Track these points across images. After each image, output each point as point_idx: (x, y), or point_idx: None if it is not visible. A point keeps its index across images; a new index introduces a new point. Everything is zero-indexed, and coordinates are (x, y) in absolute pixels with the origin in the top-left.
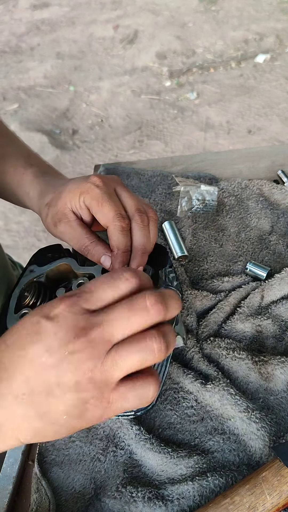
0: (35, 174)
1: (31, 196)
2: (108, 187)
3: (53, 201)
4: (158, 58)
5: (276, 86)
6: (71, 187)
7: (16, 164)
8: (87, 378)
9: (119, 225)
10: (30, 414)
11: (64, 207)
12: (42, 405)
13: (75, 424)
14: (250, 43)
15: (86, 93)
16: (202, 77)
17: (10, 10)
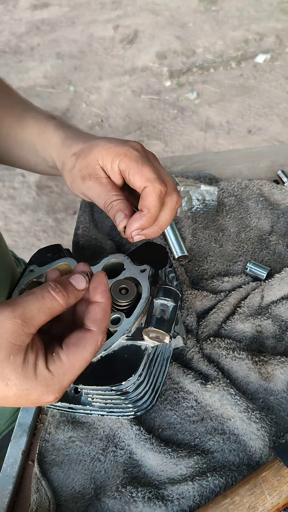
0: (59, 124)
1: (54, 142)
2: (146, 153)
3: (82, 153)
4: (158, 58)
5: (276, 86)
6: (106, 144)
7: (38, 117)
8: (20, 359)
9: (158, 187)
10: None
11: (96, 162)
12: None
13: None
14: (250, 43)
15: (86, 93)
16: (202, 77)
17: (10, 10)
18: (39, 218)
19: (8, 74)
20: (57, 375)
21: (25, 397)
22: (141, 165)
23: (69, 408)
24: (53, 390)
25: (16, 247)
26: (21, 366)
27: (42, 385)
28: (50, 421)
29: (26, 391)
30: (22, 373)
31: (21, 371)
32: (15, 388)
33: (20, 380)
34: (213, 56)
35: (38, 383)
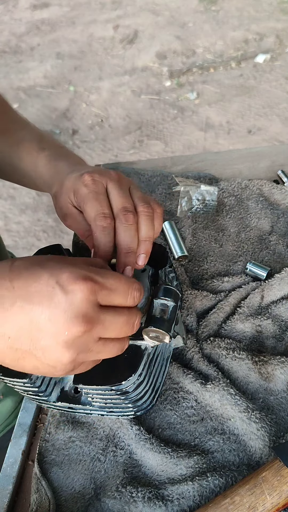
0: (47, 158)
1: (45, 180)
2: (96, 186)
3: (57, 193)
4: (158, 58)
5: (276, 86)
6: (68, 184)
7: (30, 148)
8: (70, 358)
9: (100, 224)
10: (6, 352)
11: (66, 202)
12: (19, 355)
13: (38, 372)
14: (250, 43)
15: (86, 93)
16: (202, 77)
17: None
18: (39, 218)
19: (8, 74)
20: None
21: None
22: (85, 204)
23: (69, 408)
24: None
25: (16, 247)
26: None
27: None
28: (50, 421)
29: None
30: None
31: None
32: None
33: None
34: (213, 56)
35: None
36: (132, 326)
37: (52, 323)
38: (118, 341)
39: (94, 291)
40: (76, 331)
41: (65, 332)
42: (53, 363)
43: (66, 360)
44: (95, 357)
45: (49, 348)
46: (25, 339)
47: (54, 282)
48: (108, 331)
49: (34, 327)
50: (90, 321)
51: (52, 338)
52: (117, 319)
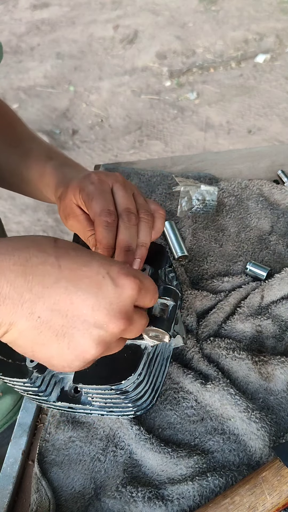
0: (54, 166)
1: (50, 187)
2: (102, 184)
3: (62, 195)
4: (158, 58)
5: (276, 86)
6: (74, 183)
7: (38, 157)
8: (95, 355)
9: (104, 220)
10: (27, 334)
11: (71, 202)
12: (41, 340)
13: (48, 363)
14: (250, 43)
15: (86, 93)
16: (202, 77)
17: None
18: (39, 218)
19: (8, 74)
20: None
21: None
22: (91, 199)
23: (69, 407)
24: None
25: None
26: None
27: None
28: (50, 421)
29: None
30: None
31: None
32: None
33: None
34: (213, 56)
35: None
36: (142, 330)
37: (94, 312)
38: (123, 341)
39: (139, 290)
40: (115, 327)
41: (104, 325)
42: (74, 356)
43: (90, 355)
44: (107, 353)
45: (79, 338)
46: (57, 322)
47: (105, 272)
48: (132, 333)
49: (72, 312)
50: (129, 319)
51: (87, 328)
52: (141, 323)
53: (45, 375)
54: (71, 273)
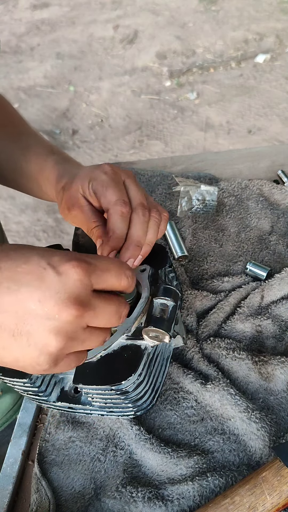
0: (56, 161)
1: (50, 180)
2: (116, 176)
3: (67, 185)
4: (158, 58)
5: (276, 86)
6: (82, 173)
7: (39, 152)
8: (57, 346)
9: (119, 209)
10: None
11: (76, 192)
12: (2, 342)
13: (17, 366)
14: (250, 43)
15: (86, 93)
16: (202, 77)
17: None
18: (39, 218)
19: (8, 74)
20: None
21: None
22: (105, 188)
23: (69, 408)
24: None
25: None
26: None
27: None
28: (50, 421)
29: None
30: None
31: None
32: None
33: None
34: (213, 56)
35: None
36: (120, 317)
37: (42, 305)
38: (103, 331)
39: (88, 273)
40: (67, 315)
41: (56, 315)
42: (37, 352)
43: (52, 348)
44: (80, 346)
45: (36, 333)
46: (10, 323)
47: (45, 263)
48: (98, 319)
49: (21, 310)
50: (82, 304)
51: (40, 322)
52: (107, 307)
53: (45, 375)
54: (12, 273)
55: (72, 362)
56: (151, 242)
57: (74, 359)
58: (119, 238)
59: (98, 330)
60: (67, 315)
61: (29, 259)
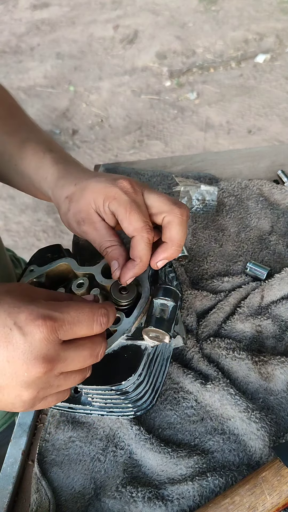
0: (54, 160)
1: (48, 181)
2: (137, 194)
3: (74, 196)
4: (158, 58)
5: (276, 86)
6: (95, 187)
7: (36, 148)
8: (29, 396)
9: (146, 237)
10: None
11: (88, 207)
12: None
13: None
14: (250, 43)
15: (86, 93)
16: (202, 77)
17: (10, 10)
18: (39, 218)
19: (8, 74)
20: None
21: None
22: (129, 213)
23: (69, 408)
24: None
25: (16, 247)
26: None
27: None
28: (50, 421)
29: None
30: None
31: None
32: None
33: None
34: (213, 56)
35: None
36: (96, 356)
37: (10, 365)
38: (80, 372)
39: (54, 330)
40: (35, 372)
41: (24, 373)
42: (11, 400)
43: (25, 397)
44: (56, 390)
45: (7, 388)
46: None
47: (12, 323)
48: (70, 366)
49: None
50: (50, 361)
51: (10, 378)
52: (79, 354)
53: None
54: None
55: (52, 402)
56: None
57: (53, 399)
58: (145, 264)
59: (74, 373)
60: (36, 372)
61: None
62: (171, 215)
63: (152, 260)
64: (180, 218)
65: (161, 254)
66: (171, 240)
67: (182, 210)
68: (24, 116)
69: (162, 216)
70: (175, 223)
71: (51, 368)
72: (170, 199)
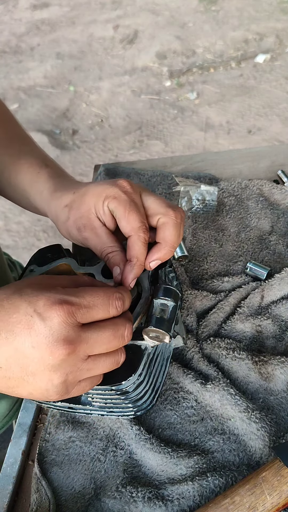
0: (50, 174)
1: (44, 195)
2: (135, 194)
3: (74, 204)
4: (158, 58)
5: (276, 86)
6: (95, 190)
7: (32, 162)
8: (59, 379)
9: (143, 236)
10: (1, 382)
11: (89, 212)
12: (13, 383)
13: (33, 398)
14: (250, 43)
15: (86, 93)
16: (202, 77)
17: (10, 10)
18: (39, 218)
19: (8, 74)
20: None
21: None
22: (128, 212)
23: (69, 408)
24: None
25: (16, 247)
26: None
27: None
28: (50, 421)
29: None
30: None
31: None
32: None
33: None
34: (213, 56)
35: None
36: (122, 337)
37: (36, 350)
38: (109, 355)
39: (71, 313)
40: (59, 354)
41: (49, 356)
42: (44, 386)
43: (56, 381)
44: (87, 374)
45: (38, 373)
46: (15, 367)
47: (32, 311)
48: (95, 348)
49: (21, 355)
50: (71, 342)
51: (38, 363)
52: (101, 335)
53: None
54: (5, 323)
55: (86, 387)
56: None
57: (87, 384)
58: (142, 264)
59: (103, 356)
60: (59, 354)
61: (18, 307)
62: (166, 217)
63: (146, 261)
64: (174, 220)
65: (154, 254)
66: (165, 241)
67: (177, 213)
68: (17, 126)
69: (157, 217)
70: (169, 225)
71: (73, 350)
72: (167, 202)
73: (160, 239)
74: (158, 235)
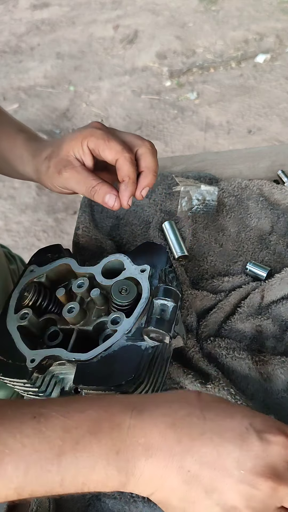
0: (26, 138)
1: (24, 158)
2: (108, 128)
3: (53, 153)
4: (158, 58)
5: (276, 86)
6: (72, 136)
7: (8, 130)
8: (244, 508)
9: (129, 156)
10: (179, 490)
11: (68, 154)
12: (194, 496)
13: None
14: (250, 43)
15: (86, 93)
16: (202, 77)
17: (10, 10)
18: (39, 218)
19: (8, 74)
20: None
21: None
22: (108, 141)
23: None
24: None
25: (16, 247)
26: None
27: None
28: None
29: None
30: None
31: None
32: None
33: None
34: (213, 56)
35: None
36: None
37: (239, 466)
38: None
39: (287, 447)
40: (262, 483)
41: (251, 481)
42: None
43: (240, 505)
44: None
45: (227, 494)
46: (206, 476)
47: (247, 423)
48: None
49: (219, 464)
50: (279, 477)
51: (234, 483)
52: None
53: (45, 376)
54: (215, 425)
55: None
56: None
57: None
58: (135, 182)
59: (281, 509)
60: (262, 483)
61: (233, 415)
62: (144, 147)
63: (137, 191)
64: (151, 149)
65: (142, 182)
66: (148, 168)
67: (151, 143)
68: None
69: (135, 149)
70: (148, 153)
71: (276, 487)
72: (139, 136)
73: (143, 168)
74: (140, 165)
